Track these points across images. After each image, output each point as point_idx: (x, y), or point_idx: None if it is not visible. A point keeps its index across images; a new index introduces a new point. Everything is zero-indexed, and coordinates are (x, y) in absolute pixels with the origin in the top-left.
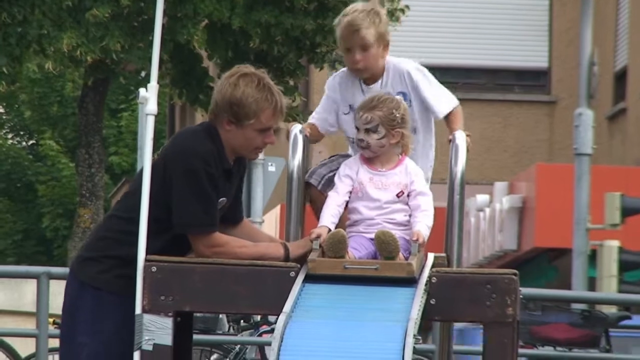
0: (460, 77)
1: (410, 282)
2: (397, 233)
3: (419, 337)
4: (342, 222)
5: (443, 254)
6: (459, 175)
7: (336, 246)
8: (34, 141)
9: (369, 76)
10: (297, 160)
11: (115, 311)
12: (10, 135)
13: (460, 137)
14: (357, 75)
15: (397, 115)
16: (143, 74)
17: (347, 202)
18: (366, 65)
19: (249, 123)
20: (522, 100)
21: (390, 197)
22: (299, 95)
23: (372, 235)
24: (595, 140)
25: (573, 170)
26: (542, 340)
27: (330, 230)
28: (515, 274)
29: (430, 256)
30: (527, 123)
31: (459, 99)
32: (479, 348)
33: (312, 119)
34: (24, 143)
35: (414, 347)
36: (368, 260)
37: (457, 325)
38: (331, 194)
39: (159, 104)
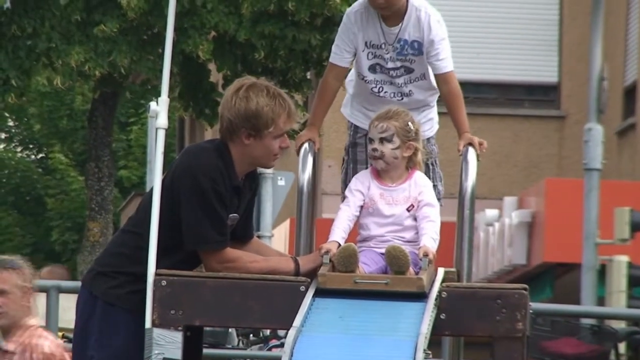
0: (470, 92)
1: (420, 297)
2: (407, 248)
3: (429, 352)
4: (349, 236)
5: (453, 269)
6: (469, 190)
7: (347, 260)
8: (43, 154)
9: (390, 14)
10: (307, 174)
11: (126, 327)
12: (19, 149)
13: (472, 153)
14: (378, 10)
15: (412, 128)
16: (149, 86)
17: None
18: (389, 1)
19: (268, 132)
20: (532, 115)
21: (401, 211)
22: (302, 111)
23: (383, 250)
24: (605, 155)
25: (582, 185)
26: (551, 355)
27: (340, 245)
28: (525, 289)
29: (441, 271)
30: (537, 138)
31: (468, 114)
32: None
33: (332, 58)
34: (33, 156)
35: None
36: (378, 274)
37: None
38: (343, 207)
39: (168, 117)
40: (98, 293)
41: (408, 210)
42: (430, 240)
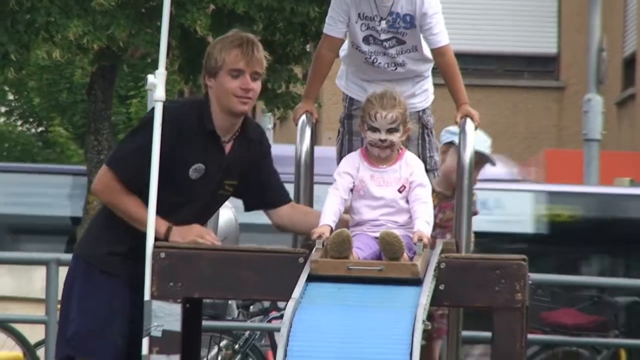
0: (469, 64)
1: (415, 283)
2: (401, 232)
3: (428, 323)
4: (341, 222)
5: (452, 240)
6: (467, 161)
7: (341, 246)
8: (43, 128)
9: None
10: (305, 145)
11: (104, 290)
12: (19, 122)
13: (469, 124)
14: None
15: (408, 111)
16: (149, 60)
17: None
18: None
19: (220, 70)
20: (531, 86)
21: (392, 193)
22: (301, 84)
23: (377, 235)
24: (605, 125)
25: (582, 156)
26: (551, 325)
27: (332, 228)
28: (524, 260)
29: (439, 242)
30: (536, 109)
31: (467, 85)
32: (489, 334)
33: (326, 29)
34: (33, 130)
35: (423, 332)
36: (372, 261)
37: None
38: (332, 191)
39: (167, 90)
40: (81, 254)
41: (400, 191)
42: (425, 224)
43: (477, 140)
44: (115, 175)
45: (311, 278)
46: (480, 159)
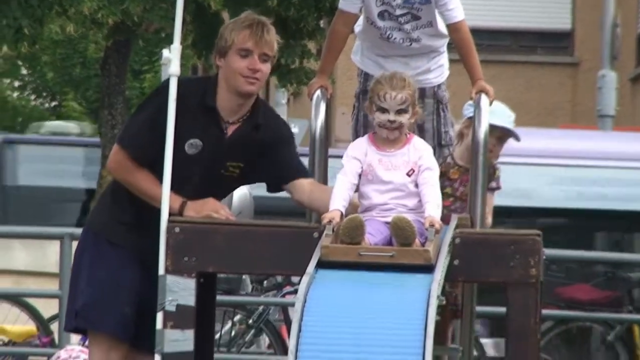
0: (483, 39)
1: (427, 269)
2: (412, 216)
3: (443, 298)
4: (352, 206)
5: (466, 215)
6: (482, 136)
7: (353, 232)
8: (56, 102)
9: None
10: (319, 121)
11: (111, 261)
12: (33, 97)
13: (484, 100)
14: None
15: (416, 93)
16: (163, 34)
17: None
18: None
19: (229, 50)
20: (545, 62)
21: (401, 177)
22: (315, 59)
23: (387, 219)
24: (618, 101)
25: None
26: (565, 301)
27: (342, 213)
28: (538, 235)
29: (454, 217)
30: (550, 85)
31: (482, 61)
32: (503, 309)
33: (341, 5)
34: (46, 104)
35: (437, 307)
36: (383, 247)
37: None
38: (340, 177)
39: (181, 65)
40: (88, 224)
41: (408, 175)
42: (435, 208)
43: (501, 115)
44: (127, 153)
45: (321, 264)
46: (505, 134)
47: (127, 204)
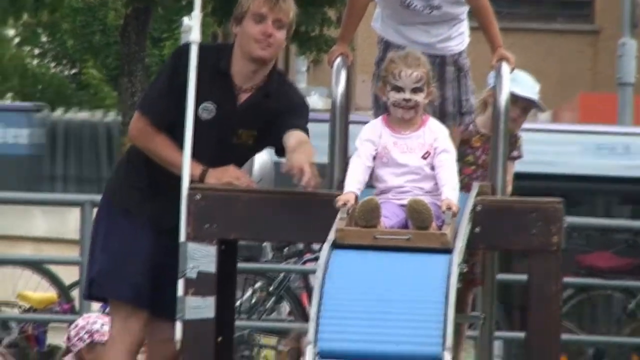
0: (503, 7)
1: (444, 252)
2: (428, 199)
3: (464, 265)
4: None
5: (488, 183)
6: (503, 104)
7: (369, 215)
8: (76, 70)
9: None
10: (340, 88)
11: (125, 229)
12: (53, 64)
13: (505, 67)
14: None
15: (431, 72)
16: (183, 2)
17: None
18: None
19: (245, 16)
20: (566, 29)
21: (417, 160)
22: (335, 27)
23: (403, 202)
24: (638, 69)
25: (616, 100)
26: (586, 268)
27: (357, 196)
28: (560, 203)
29: (475, 185)
30: (571, 53)
31: (501, 29)
32: (524, 276)
33: None
34: (66, 72)
35: (459, 275)
36: (400, 230)
37: None
38: (354, 159)
39: (202, 33)
40: (105, 192)
41: (424, 157)
42: (452, 191)
43: (526, 85)
44: (147, 119)
45: (336, 246)
46: (529, 105)
47: (143, 171)
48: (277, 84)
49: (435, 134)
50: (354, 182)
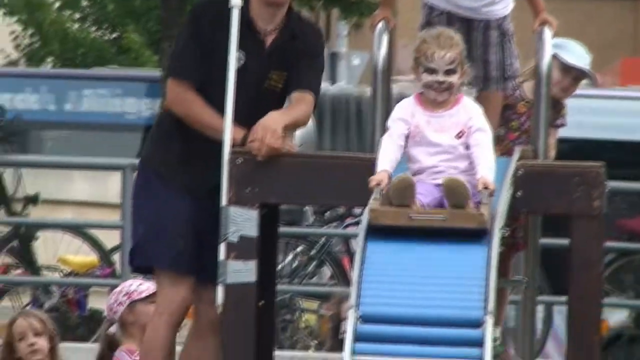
0: None
1: (481, 233)
2: (464, 177)
3: (507, 229)
4: None
5: (530, 147)
6: (544, 69)
7: (403, 193)
8: (117, 34)
9: None
10: (382, 52)
11: (159, 196)
12: (93, 28)
13: (547, 32)
14: None
15: (464, 52)
16: None
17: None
18: None
19: None
20: None
21: (450, 139)
22: None
23: (438, 182)
24: None
25: None
26: (628, 233)
27: (390, 175)
28: (601, 167)
29: (517, 149)
30: (611, 18)
31: None
32: (566, 241)
33: None
34: (107, 36)
35: (501, 238)
36: (435, 209)
37: None
38: (385, 138)
39: None
40: (142, 157)
41: (458, 137)
42: (488, 170)
43: (580, 56)
44: (180, 82)
45: (370, 229)
46: (581, 75)
47: (177, 136)
48: (298, 24)
49: (470, 113)
50: (386, 160)
